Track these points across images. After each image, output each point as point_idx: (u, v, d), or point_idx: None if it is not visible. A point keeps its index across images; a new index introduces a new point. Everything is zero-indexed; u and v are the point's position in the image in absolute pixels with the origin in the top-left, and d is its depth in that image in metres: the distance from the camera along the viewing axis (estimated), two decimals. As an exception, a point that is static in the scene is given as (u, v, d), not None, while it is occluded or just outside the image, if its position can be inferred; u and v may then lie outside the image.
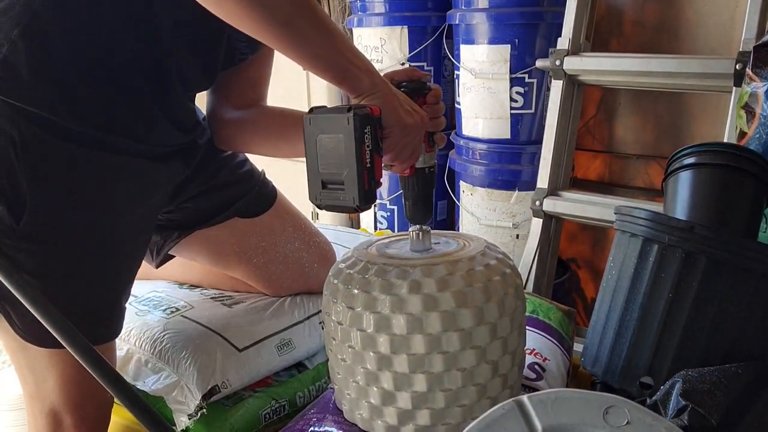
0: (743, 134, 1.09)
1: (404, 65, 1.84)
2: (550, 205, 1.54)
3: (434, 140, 0.91)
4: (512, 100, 1.64)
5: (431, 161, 0.92)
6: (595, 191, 1.65)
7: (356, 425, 0.87)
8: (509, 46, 1.61)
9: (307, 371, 1.19)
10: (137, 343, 1.11)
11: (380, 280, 0.81)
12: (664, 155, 1.30)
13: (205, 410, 1.02)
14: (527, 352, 1.03)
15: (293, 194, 1.29)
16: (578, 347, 1.14)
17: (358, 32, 1.96)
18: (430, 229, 0.91)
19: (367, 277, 0.83)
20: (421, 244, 0.90)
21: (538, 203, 1.55)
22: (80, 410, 0.94)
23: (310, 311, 1.22)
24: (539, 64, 1.55)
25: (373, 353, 0.81)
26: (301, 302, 1.23)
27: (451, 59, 1.83)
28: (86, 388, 0.92)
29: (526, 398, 0.64)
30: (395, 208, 2.02)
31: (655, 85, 1.48)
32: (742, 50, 1.26)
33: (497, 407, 0.64)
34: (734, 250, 0.87)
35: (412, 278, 0.80)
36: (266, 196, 1.22)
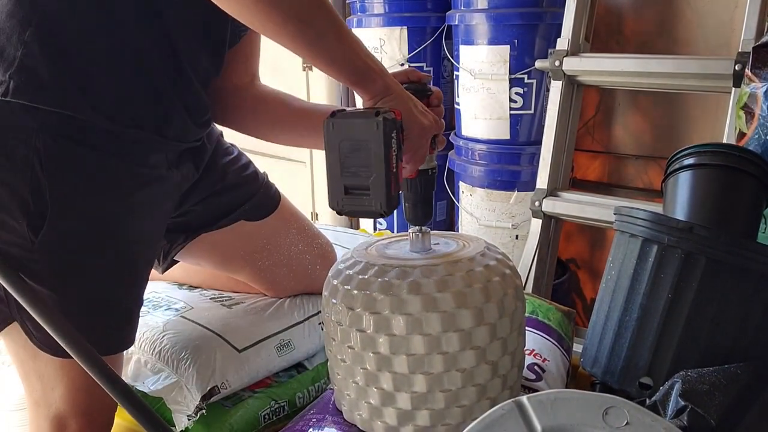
0: (742, 135, 1.09)
1: (404, 66, 1.84)
2: (549, 205, 1.55)
3: (435, 142, 0.91)
4: (512, 100, 1.65)
5: (432, 163, 0.92)
6: (594, 192, 1.65)
7: (356, 426, 0.87)
8: (508, 46, 1.61)
9: (306, 372, 1.19)
10: (137, 343, 1.10)
11: (380, 280, 0.81)
12: (663, 156, 1.30)
13: (204, 411, 1.02)
14: (527, 352, 1.03)
15: (293, 194, 1.29)
16: (578, 348, 1.14)
17: (357, 33, 1.95)
18: (429, 229, 0.91)
19: (366, 277, 0.83)
20: (420, 244, 0.90)
21: (537, 204, 1.55)
22: (86, 416, 0.94)
23: (309, 312, 1.22)
24: (538, 64, 1.55)
25: (372, 354, 0.81)
26: (300, 303, 1.22)
27: (450, 60, 1.83)
28: (95, 395, 0.91)
29: (525, 399, 0.64)
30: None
31: (654, 85, 1.48)
32: (741, 51, 1.26)
33: (497, 408, 0.64)
34: (734, 250, 0.87)
35: (411, 279, 0.80)
36: (271, 198, 1.21)
